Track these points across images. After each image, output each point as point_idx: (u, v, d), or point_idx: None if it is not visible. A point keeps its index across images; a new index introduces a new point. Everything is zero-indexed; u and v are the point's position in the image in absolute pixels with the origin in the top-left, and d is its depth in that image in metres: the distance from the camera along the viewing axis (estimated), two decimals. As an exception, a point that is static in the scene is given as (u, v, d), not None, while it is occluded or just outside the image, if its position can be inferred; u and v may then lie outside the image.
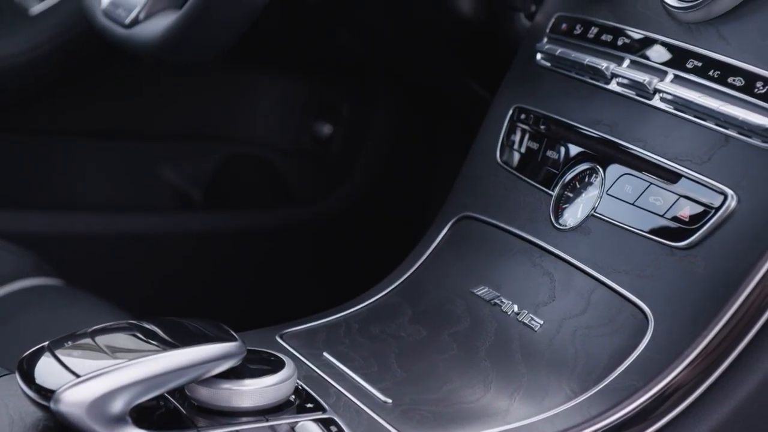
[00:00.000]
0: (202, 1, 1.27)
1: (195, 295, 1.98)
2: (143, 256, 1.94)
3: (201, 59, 1.38)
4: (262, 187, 2.08)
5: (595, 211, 1.19)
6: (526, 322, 1.18)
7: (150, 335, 1.00)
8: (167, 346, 0.98)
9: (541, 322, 1.17)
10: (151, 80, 1.93)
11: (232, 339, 1.00)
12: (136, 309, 1.53)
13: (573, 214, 1.22)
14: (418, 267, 1.32)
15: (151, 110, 1.98)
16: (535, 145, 1.30)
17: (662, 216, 1.13)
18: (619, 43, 1.25)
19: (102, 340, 1.00)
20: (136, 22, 1.37)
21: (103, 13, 1.42)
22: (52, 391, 0.94)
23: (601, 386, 1.09)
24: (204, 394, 1.00)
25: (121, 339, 1.01)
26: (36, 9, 1.87)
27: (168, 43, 1.33)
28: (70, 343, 0.99)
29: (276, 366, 1.03)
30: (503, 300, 1.22)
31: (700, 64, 1.16)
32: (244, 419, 1.00)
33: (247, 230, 2.03)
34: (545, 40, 1.35)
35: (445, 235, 1.34)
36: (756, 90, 1.10)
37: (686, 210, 1.12)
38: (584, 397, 1.09)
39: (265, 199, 2.08)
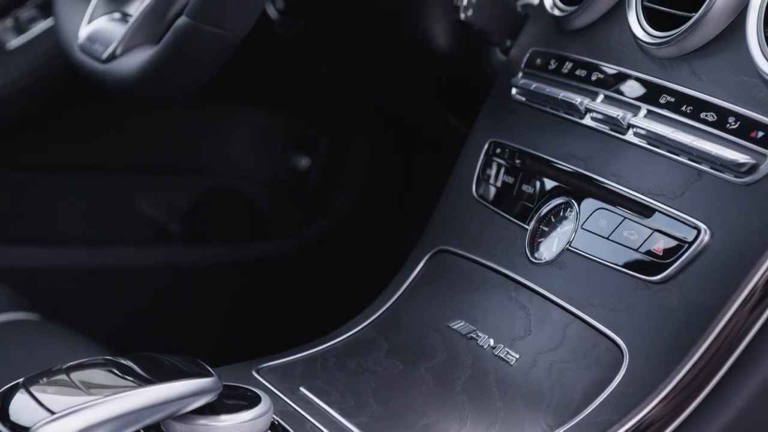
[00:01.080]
0: (178, 36, 1.27)
1: (172, 329, 1.97)
2: (121, 289, 1.93)
3: (178, 94, 1.38)
4: (240, 220, 2.08)
5: (570, 245, 1.20)
6: (502, 356, 1.19)
7: (126, 371, 1.00)
8: (143, 382, 0.98)
9: (517, 356, 1.18)
10: (129, 114, 1.94)
11: (208, 374, 1.00)
12: (114, 343, 1.53)
13: (548, 248, 1.22)
14: (394, 301, 1.33)
15: (128, 143, 1.98)
16: (510, 179, 1.30)
17: (636, 250, 1.14)
18: (593, 78, 1.26)
19: (77, 376, 0.99)
20: (113, 57, 1.37)
21: (80, 49, 1.42)
22: (27, 428, 0.94)
23: (577, 420, 1.09)
24: (180, 430, 1.00)
25: (96, 375, 1.01)
26: (13, 44, 1.87)
27: (145, 79, 1.33)
28: (45, 379, 0.99)
29: (252, 401, 1.03)
30: (479, 334, 1.22)
31: (672, 100, 1.17)
32: (221, 455, 1.00)
33: (225, 263, 2.03)
34: (520, 74, 1.36)
35: (421, 269, 1.34)
36: (728, 125, 1.11)
37: (660, 244, 1.13)
38: (560, 432, 1.09)
39: (243, 232, 2.08)
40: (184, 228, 2.02)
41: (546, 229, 1.24)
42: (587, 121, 1.24)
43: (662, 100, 1.18)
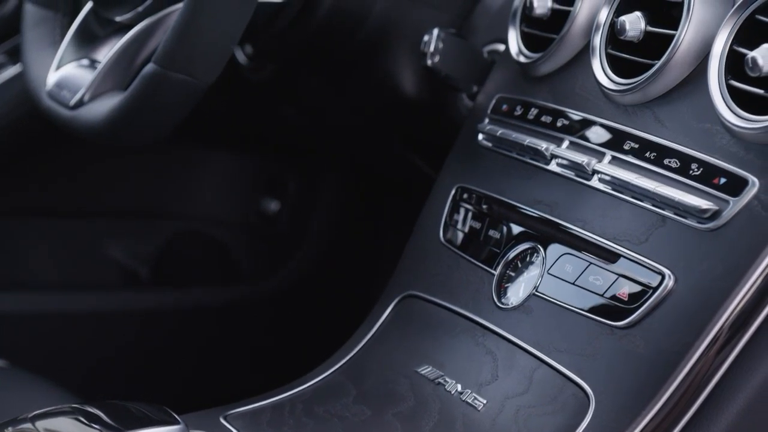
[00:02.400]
0: (146, 83, 1.28)
1: (140, 374, 1.97)
2: (89, 334, 1.93)
3: (146, 140, 1.39)
4: (209, 263, 2.08)
5: (536, 290, 1.21)
6: (470, 401, 1.19)
7: (93, 419, 1.00)
8: (110, 430, 0.98)
9: (485, 402, 1.18)
10: (97, 158, 1.93)
11: (174, 422, 1.00)
12: (82, 389, 1.52)
13: (515, 293, 1.23)
14: (362, 346, 1.33)
15: (96, 188, 1.98)
16: (477, 225, 1.31)
17: (602, 295, 1.15)
18: (559, 124, 1.27)
19: (43, 424, 0.99)
20: (80, 103, 1.38)
21: (48, 95, 1.43)
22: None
23: (544, 466, 1.10)
24: (146, 478, 1.00)
25: (63, 424, 1.01)
26: (-19, 90, 1.87)
27: (113, 125, 1.33)
28: (10, 429, 0.99)
29: (219, 449, 1.03)
30: (447, 379, 1.22)
31: (636, 146, 1.18)
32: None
33: (194, 307, 2.02)
34: (486, 120, 1.37)
35: (389, 314, 1.34)
36: (691, 172, 1.12)
37: (625, 289, 1.13)
38: (527, 477, 1.09)
39: (212, 276, 2.08)
40: (153, 272, 2.02)
41: (513, 274, 1.25)
42: (553, 167, 1.25)
43: (626, 147, 1.19)
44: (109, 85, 1.37)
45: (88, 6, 1.49)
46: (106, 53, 1.40)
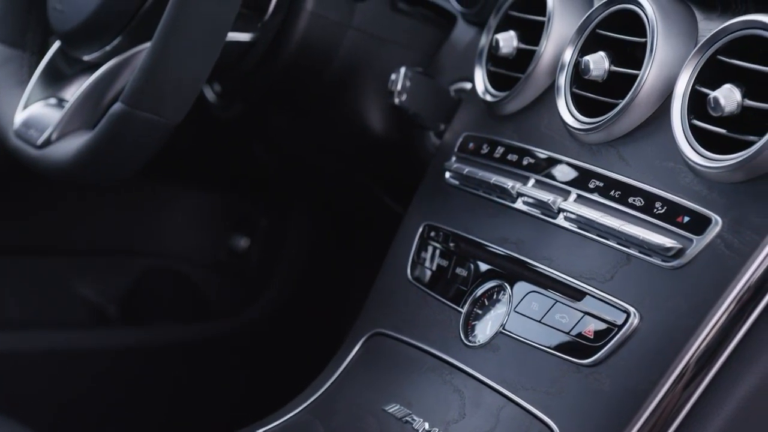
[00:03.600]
0: (114, 122, 1.28)
1: (109, 413, 1.96)
2: (57, 373, 1.92)
3: (114, 179, 1.38)
4: (179, 301, 2.07)
5: (503, 328, 1.21)
6: (437, 440, 1.19)
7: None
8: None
9: (452, 440, 1.18)
10: (65, 196, 1.93)
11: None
12: (51, 429, 1.52)
13: (482, 331, 1.23)
14: (330, 384, 1.33)
15: (64, 225, 1.98)
16: (444, 262, 1.32)
17: (568, 333, 1.15)
18: (525, 162, 1.28)
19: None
20: (48, 142, 1.38)
21: (15, 134, 1.43)
22: None
23: (511, 505, 1.10)
24: None
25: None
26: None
27: (81, 164, 1.33)
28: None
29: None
30: (414, 418, 1.22)
31: (601, 184, 1.19)
32: None
33: (164, 345, 2.02)
34: (453, 158, 1.38)
35: (357, 351, 1.35)
36: (655, 210, 1.13)
37: (591, 327, 1.14)
38: None
39: (182, 313, 2.07)
40: (122, 310, 2.01)
41: (480, 312, 1.25)
42: (519, 205, 1.26)
43: (591, 185, 1.20)
44: (76, 124, 1.37)
45: (56, 45, 1.49)
46: (73, 92, 1.40)
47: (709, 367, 1.08)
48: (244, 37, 1.51)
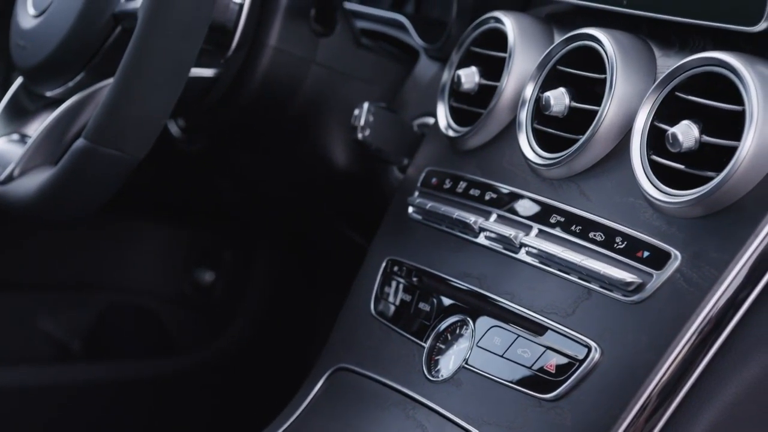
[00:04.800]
0: (76, 158, 1.28)
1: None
2: (19, 409, 1.90)
3: (77, 215, 1.38)
4: (143, 336, 2.07)
5: (466, 363, 1.21)
6: (400, 475, 1.19)
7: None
8: None
9: (415, 476, 1.18)
10: (27, 231, 1.92)
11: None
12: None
13: (445, 366, 1.24)
14: (294, 420, 1.33)
15: (27, 260, 1.97)
16: (408, 297, 1.32)
17: (530, 368, 1.16)
18: (487, 197, 1.29)
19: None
20: (10, 178, 1.37)
21: (-23, 170, 1.42)
22: None
23: None
24: None
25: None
26: None
27: (43, 200, 1.33)
28: None
29: None
30: (378, 453, 1.23)
31: (563, 219, 1.20)
32: None
33: (127, 380, 2.01)
34: (416, 193, 1.38)
35: (321, 387, 1.34)
36: (615, 245, 1.14)
37: (553, 362, 1.14)
38: None
39: (146, 348, 2.06)
40: (85, 346, 2.00)
41: (443, 346, 1.25)
42: (481, 240, 1.27)
43: (553, 220, 1.21)
44: (39, 160, 1.37)
45: (18, 81, 1.49)
46: (36, 128, 1.40)
47: (671, 401, 1.09)
48: (207, 72, 1.52)
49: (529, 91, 1.27)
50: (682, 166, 1.11)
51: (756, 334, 1.08)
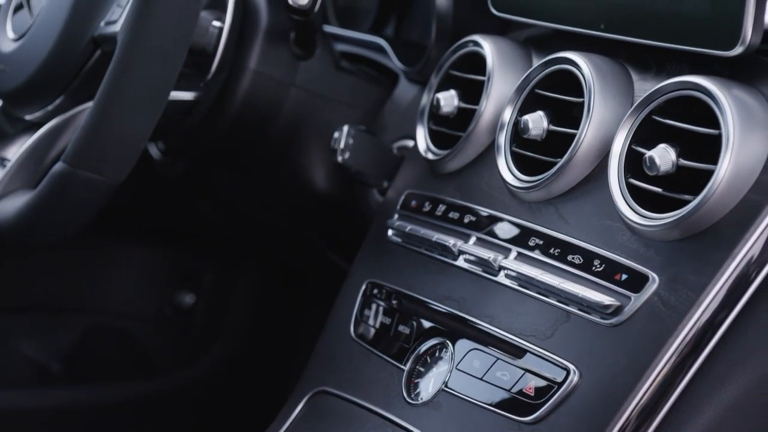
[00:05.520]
0: (55, 182, 1.27)
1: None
2: (0, 432, 1.90)
3: (56, 239, 1.38)
4: (124, 358, 2.06)
5: (445, 386, 1.21)
6: (380, 498, 1.19)
7: None
8: None
9: (395, 499, 1.18)
10: (5, 253, 1.92)
11: None
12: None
13: (425, 389, 1.24)
14: (273, 444, 1.33)
15: (6, 283, 1.96)
16: (387, 320, 1.32)
17: (509, 390, 1.16)
18: (466, 220, 1.29)
19: None
20: (-11, 202, 1.37)
21: (-44, 193, 1.42)
22: None
23: None
24: None
25: None
26: None
27: (22, 224, 1.33)
28: None
29: None
30: (358, 476, 1.22)
31: (541, 242, 1.20)
32: None
33: (109, 403, 2.00)
34: (396, 216, 1.38)
35: (300, 410, 1.34)
36: (594, 268, 1.14)
37: (532, 384, 1.15)
38: None
39: (127, 370, 2.06)
40: (67, 368, 2.00)
41: (422, 369, 1.25)
42: (461, 262, 1.27)
43: (531, 243, 1.21)
44: (18, 183, 1.37)
45: (-2, 104, 1.49)
46: (15, 151, 1.40)
47: (649, 423, 1.09)
48: (187, 95, 1.52)
49: (508, 115, 1.27)
50: (659, 190, 1.11)
51: (734, 356, 1.08)
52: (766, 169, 1.07)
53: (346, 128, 1.49)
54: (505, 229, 1.25)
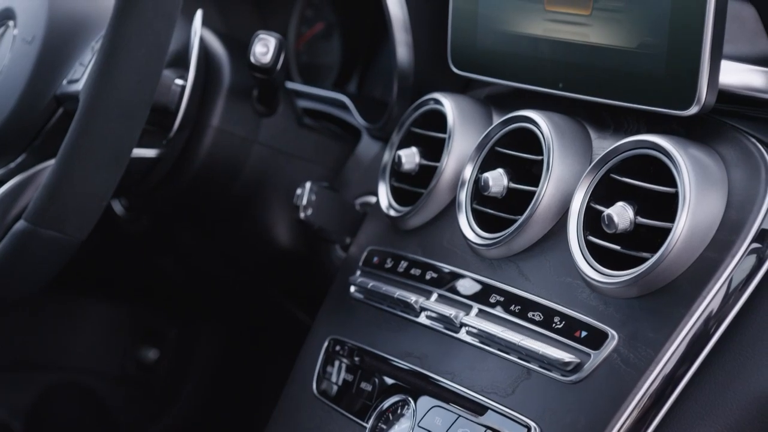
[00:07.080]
0: (16, 240, 1.27)
1: None
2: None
3: (17, 296, 1.37)
4: (85, 416, 2.04)
5: (407, 444, 1.21)
6: None
7: None
8: None
9: None
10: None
11: None
12: None
13: (387, 446, 1.24)
14: (235, 502, 1.32)
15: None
16: (350, 377, 1.32)
17: (470, 448, 1.16)
18: (428, 277, 1.30)
19: None
20: (-50, 260, 1.36)
21: None
22: None
23: None
24: None
25: None
26: None
27: (-16, 280, 1.32)
28: None
29: None
30: None
31: (502, 299, 1.21)
32: None
33: (70, 461, 1.99)
34: (358, 272, 1.39)
35: (262, 470, 1.34)
36: (554, 325, 1.15)
37: (493, 442, 1.15)
38: None
39: (89, 428, 2.04)
40: (28, 426, 1.98)
41: (384, 426, 1.25)
42: (422, 319, 1.27)
43: (492, 300, 1.22)
44: (-21, 240, 1.36)
45: (-40, 161, 1.49)
46: (-24, 209, 1.40)
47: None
48: (150, 153, 1.52)
49: (469, 172, 1.28)
50: (617, 247, 1.12)
51: (695, 409, 1.09)
52: (722, 227, 1.09)
53: (308, 185, 1.49)
54: (466, 286, 1.25)
